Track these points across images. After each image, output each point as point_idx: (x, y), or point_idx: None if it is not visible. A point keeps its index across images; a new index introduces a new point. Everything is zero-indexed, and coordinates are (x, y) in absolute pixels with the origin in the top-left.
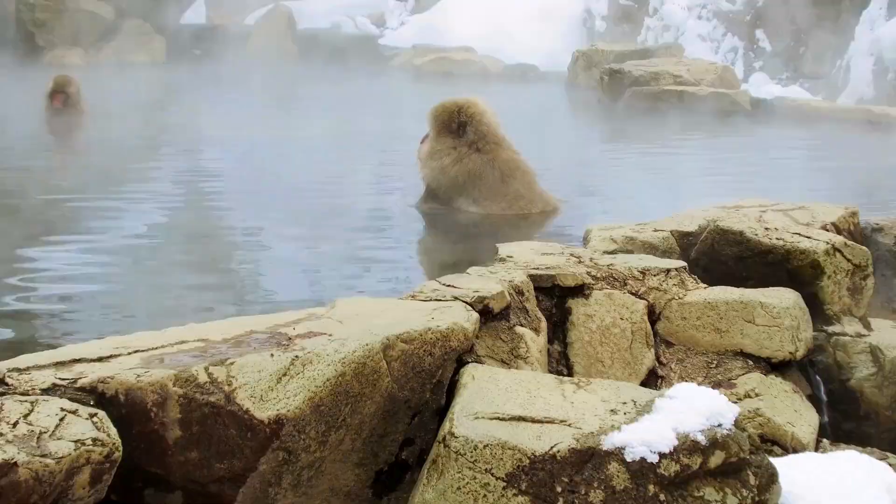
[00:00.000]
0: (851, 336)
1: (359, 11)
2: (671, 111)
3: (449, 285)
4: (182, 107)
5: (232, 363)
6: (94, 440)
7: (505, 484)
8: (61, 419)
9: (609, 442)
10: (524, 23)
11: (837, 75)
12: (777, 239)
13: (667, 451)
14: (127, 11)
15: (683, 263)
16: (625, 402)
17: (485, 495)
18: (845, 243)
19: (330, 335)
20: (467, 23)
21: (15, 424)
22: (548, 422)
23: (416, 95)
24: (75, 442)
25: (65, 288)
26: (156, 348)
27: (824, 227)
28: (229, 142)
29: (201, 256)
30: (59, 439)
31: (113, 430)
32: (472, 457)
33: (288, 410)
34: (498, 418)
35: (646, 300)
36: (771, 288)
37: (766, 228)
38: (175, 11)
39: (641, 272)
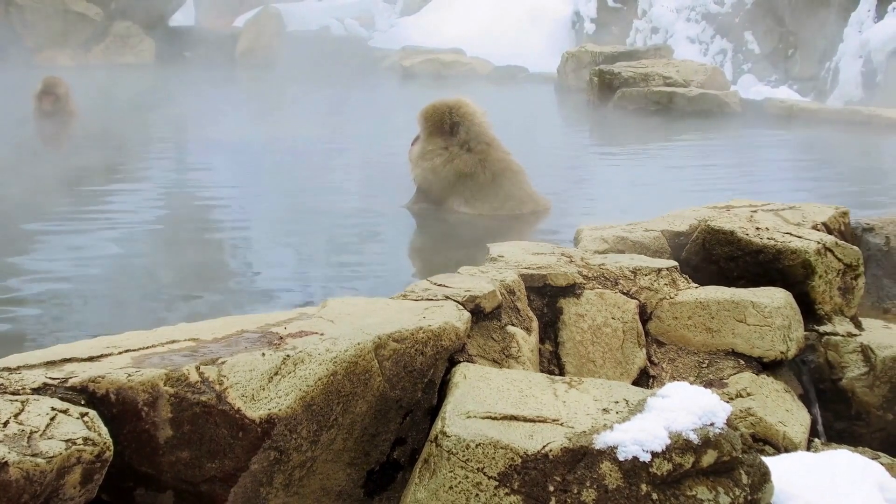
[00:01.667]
0: (843, 336)
1: (347, 13)
2: (661, 112)
3: (440, 285)
4: (171, 109)
5: (223, 362)
6: (85, 439)
7: (497, 483)
8: (52, 418)
9: (601, 441)
10: (513, 25)
11: (826, 77)
12: (768, 238)
13: (659, 450)
14: (116, 13)
15: (675, 263)
16: (617, 402)
17: (477, 494)
18: (836, 243)
19: (321, 334)
20: (456, 25)
21: (5, 424)
22: (540, 421)
23: (405, 97)
24: (66, 441)
25: (55, 288)
26: (147, 348)
27: (815, 227)
28: (218, 143)
29: (191, 256)
30: (49, 439)
31: (104, 430)
32: (464, 456)
33: (279, 410)
34: (490, 417)
35: (637, 300)
36: (762, 287)
37: (757, 228)
38: (164, 13)
39: (633, 272)
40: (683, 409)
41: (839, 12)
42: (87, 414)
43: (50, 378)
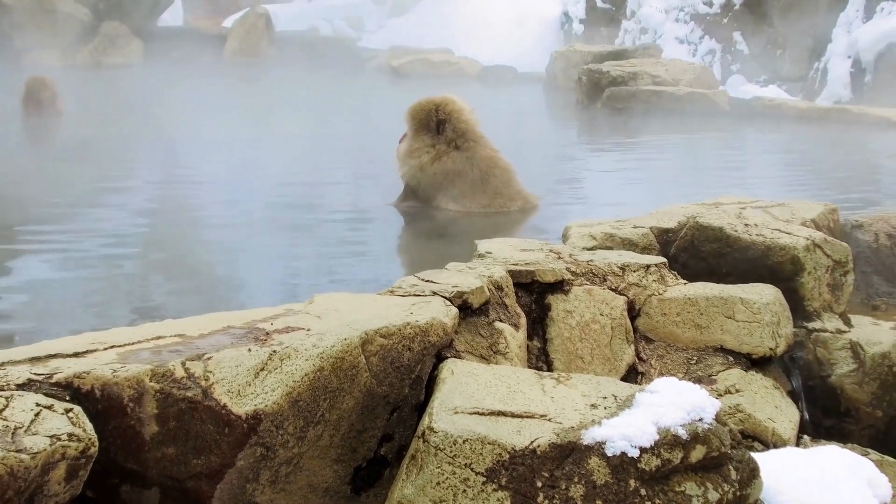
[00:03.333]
0: (831, 332)
1: (336, 14)
2: (649, 111)
3: (428, 280)
4: (159, 109)
5: (209, 358)
6: (70, 435)
7: (485, 479)
8: (36, 414)
9: (589, 436)
10: (502, 25)
11: (815, 77)
12: (757, 235)
13: (647, 445)
14: (104, 14)
15: (663, 259)
16: (605, 397)
17: (464, 490)
18: (825, 239)
19: (308, 330)
20: (445, 25)
21: None
22: (528, 416)
23: (393, 96)
24: (51, 437)
25: (42, 286)
26: (132, 344)
27: (804, 224)
28: (207, 143)
29: (178, 254)
30: (34, 434)
31: (89, 426)
32: (451, 452)
33: (266, 406)
34: (477, 413)
35: (625, 296)
36: (751, 284)
37: (746, 225)
38: (152, 14)
39: (621, 268)
40: (672, 404)
41: (828, 13)
42: (71, 410)
43: (35, 374)
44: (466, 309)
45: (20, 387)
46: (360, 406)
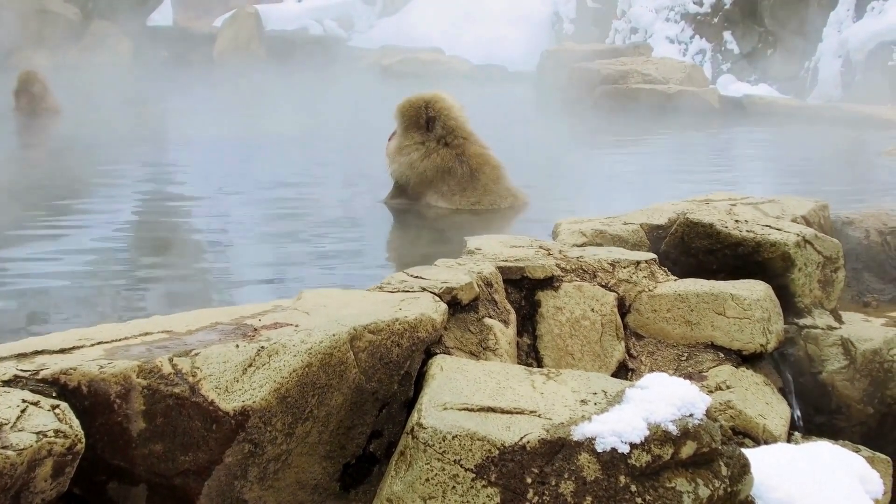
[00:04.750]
0: (822, 329)
1: (326, 15)
2: (640, 109)
3: (417, 276)
4: (149, 108)
5: (197, 354)
6: (57, 432)
7: (474, 475)
8: (23, 411)
9: (579, 432)
10: (492, 25)
11: (805, 77)
12: (747, 231)
13: (638, 441)
14: (94, 13)
15: (654, 256)
16: (595, 393)
17: (454, 487)
18: (816, 235)
19: (296, 326)
20: (435, 25)
21: None
22: (517, 412)
23: (383, 94)
24: (37, 434)
25: (31, 284)
26: (119, 340)
27: (794, 221)
28: (197, 141)
29: (168, 251)
30: (20, 431)
31: (76, 422)
32: (440, 448)
33: (253, 402)
34: (467, 409)
35: (616, 292)
36: (741, 280)
37: (737, 221)
38: (142, 13)
39: (611, 264)
40: (662, 400)
41: (818, 12)
42: (58, 406)
43: (21, 370)
44: (456, 305)
45: (6, 383)
46: (349, 402)
